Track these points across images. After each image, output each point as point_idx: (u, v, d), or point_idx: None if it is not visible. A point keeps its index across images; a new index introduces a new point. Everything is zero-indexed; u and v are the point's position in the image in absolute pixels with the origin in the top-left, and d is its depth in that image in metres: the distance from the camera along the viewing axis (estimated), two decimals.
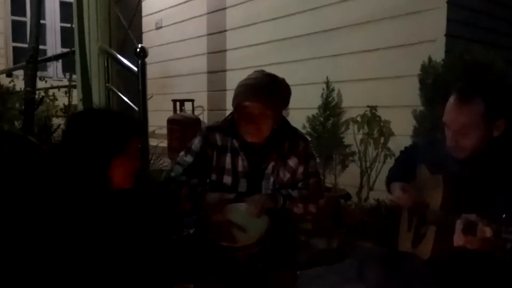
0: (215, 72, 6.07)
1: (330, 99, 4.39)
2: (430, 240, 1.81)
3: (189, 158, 2.16)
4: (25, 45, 5.06)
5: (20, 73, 5.36)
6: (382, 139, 4.03)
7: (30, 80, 4.10)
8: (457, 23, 3.71)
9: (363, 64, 4.25)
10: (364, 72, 4.24)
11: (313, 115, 4.44)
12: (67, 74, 5.93)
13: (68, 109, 4.97)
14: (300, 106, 3.95)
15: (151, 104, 3.69)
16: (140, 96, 3.50)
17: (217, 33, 6.00)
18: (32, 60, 4.11)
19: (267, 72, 2.13)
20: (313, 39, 4.69)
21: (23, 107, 4.11)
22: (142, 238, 1.77)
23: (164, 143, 5.26)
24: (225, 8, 5.83)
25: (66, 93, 5.28)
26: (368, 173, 4.11)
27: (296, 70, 4.69)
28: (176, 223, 2.41)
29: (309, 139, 2.34)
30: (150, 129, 3.89)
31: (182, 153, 2.19)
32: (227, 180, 2.15)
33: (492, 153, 1.79)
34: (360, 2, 4.29)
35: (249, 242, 1.92)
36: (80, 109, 3.84)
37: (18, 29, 8.28)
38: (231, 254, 1.94)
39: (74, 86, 4.54)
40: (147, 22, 7.30)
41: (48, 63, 8.07)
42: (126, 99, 4.02)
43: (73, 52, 4.23)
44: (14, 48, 8.36)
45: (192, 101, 6.16)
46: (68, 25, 5.92)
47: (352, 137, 4.22)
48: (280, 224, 2.18)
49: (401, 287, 1.88)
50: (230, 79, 5.71)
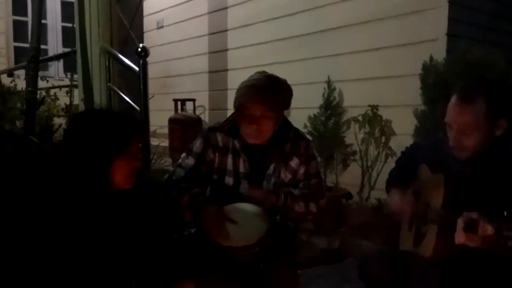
0: (216, 72, 6.07)
1: (332, 99, 4.39)
2: (432, 239, 1.81)
3: (191, 160, 2.16)
4: (27, 45, 5.06)
5: (22, 73, 5.35)
6: (384, 139, 4.03)
7: (32, 80, 4.11)
8: (459, 22, 3.70)
9: (365, 64, 4.24)
10: (366, 72, 4.23)
11: (315, 115, 4.44)
12: (69, 74, 5.94)
13: (70, 109, 4.98)
14: (302, 106, 3.94)
15: (153, 104, 3.69)
16: (142, 96, 3.50)
17: (218, 33, 5.99)
18: (34, 60, 4.12)
19: (269, 74, 2.12)
20: (314, 39, 4.68)
21: (25, 107, 4.11)
22: (143, 238, 1.77)
23: (166, 143, 5.26)
24: (226, 8, 5.83)
25: (68, 93, 5.29)
26: (370, 173, 4.11)
27: (297, 70, 4.69)
28: (177, 223, 2.41)
29: (311, 139, 2.33)
30: (152, 129, 3.89)
31: (184, 155, 2.19)
32: (229, 181, 2.15)
33: (494, 153, 1.79)
34: (361, 2, 4.28)
35: (250, 242, 1.91)
36: (82, 109, 3.84)
37: (20, 29, 8.29)
38: (232, 254, 1.93)
39: (76, 86, 4.54)
40: (148, 22, 7.31)
41: (50, 63, 8.08)
42: (128, 99, 4.03)
43: (75, 52, 4.23)
44: (16, 48, 8.37)
45: (194, 101, 6.16)
46: (70, 25, 5.92)
47: (354, 137, 4.22)
48: (281, 224, 2.19)
49: (403, 287, 1.88)
50: (231, 79, 5.71)
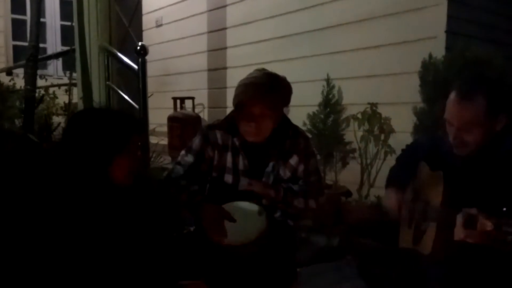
0: (216, 70, 6.07)
1: (331, 96, 4.39)
2: (431, 236, 1.81)
3: (190, 158, 2.15)
4: (25, 44, 5.05)
5: (20, 72, 5.36)
6: (383, 136, 4.03)
7: (30, 79, 4.10)
8: (458, 20, 3.70)
9: (364, 61, 4.24)
10: (365, 69, 4.24)
11: (314, 112, 4.44)
12: (67, 72, 5.93)
13: (69, 107, 4.97)
14: (301, 103, 3.94)
15: (152, 102, 3.70)
16: (141, 94, 3.51)
17: (218, 31, 5.99)
18: (32, 59, 4.11)
19: (268, 71, 2.11)
20: (314, 36, 4.68)
21: (24, 106, 4.11)
22: (143, 236, 1.77)
23: (165, 141, 5.26)
24: (225, 6, 5.83)
25: (67, 91, 5.29)
26: (369, 170, 4.11)
27: (297, 67, 4.69)
28: (177, 221, 2.41)
29: (310, 136, 2.33)
30: (150, 127, 3.90)
31: (183, 153, 2.19)
32: (228, 179, 2.14)
33: (494, 148, 1.79)
34: None
35: (248, 241, 1.91)
36: (81, 107, 3.84)
37: (18, 28, 8.29)
38: (230, 253, 1.93)
39: (75, 84, 4.54)
40: (147, 20, 7.30)
41: (48, 62, 8.09)
42: (127, 97, 4.03)
43: (73, 50, 4.23)
44: (14, 47, 8.38)
45: (193, 99, 6.16)
46: (68, 23, 5.93)
47: (353, 134, 4.22)
48: (280, 222, 2.19)
49: (402, 284, 1.88)
50: (231, 77, 5.71)
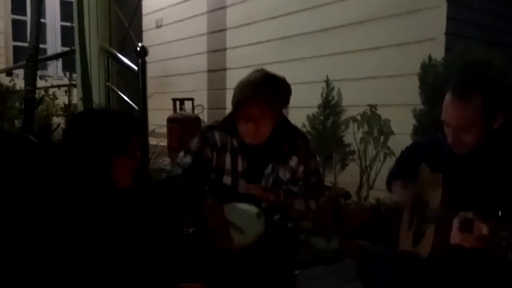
0: (215, 71, 6.07)
1: (330, 98, 4.39)
2: (430, 238, 1.81)
3: (188, 159, 2.15)
4: (25, 44, 5.06)
5: (20, 72, 5.36)
6: (382, 138, 4.03)
7: (30, 79, 4.10)
8: (457, 22, 3.71)
9: (363, 63, 4.25)
10: (364, 71, 4.24)
11: (313, 114, 4.44)
12: (67, 73, 5.91)
13: (68, 108, 4.97)
14: (300, 105, 3.95)
15: (151, 103, 3.69)
16: (140, 95, 3.50)
17: (217, 32, 6.00)
18: (32, 59, 4.11)
19: (267, 72, 2.09)
20: (313, 38, 4.68)
21: (23, 106, 4.11)
22: (142, 237, 1.77)
23: (164, 142, 5.26)
24: (225, 7, 5.83)
25: (66, 92, 5.27)
26: (368, 172, 4.11)
27: (296, 69, 4.69)
28: (176, 222, 2.41)
29: (309, 138, 2.33)
30: (150, 128, 3.89)
31: (182, 154, 2.18)
32: (227, 180, 2.14)
33: (492, 148, 1.79)
34: (360, 1, 4.29)
35: (247, 244, 1.91)
36: (80, 108, 3.84)
37: (18, 28, 8.29)
38: (228, 256, 1.93)
39: (74, 85, 4.54)
40: (147, 21, 7.31)
41: (48, 62, 8.07)
42: (126, 98, 4.03)
43: (73, 51, 4.23)
44: (14, 47, 8.37)
45: (192, 100, 6.15)
46: (69, 24, 5.92)
47: (352, 136, 4.22)
48: (279, 225, 2.18)
49: (401, 286, 1.88)
50: (230, 78, 5.71)
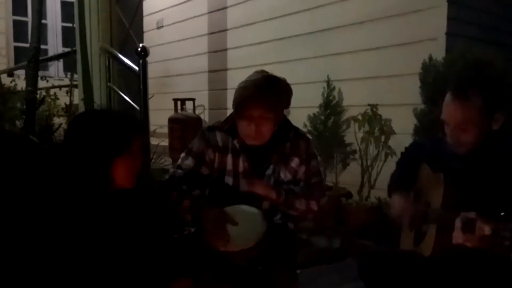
0: (216, 71, 6.08)
1: (331, 98, 4.39)
2: (431, 238, 1.81)
3: (190, 161, 2.14)
4: (27, 45, 5.05)
5: (22, 73, 5.36)
6: (383, 138, 4.03)
7: (32, 80, 4.10)
8: (458, 22, 3.71)
9: (364, 63, 4.25)
10: (365, 71, 4.24)
11: (314, 114, 4.45)
12: (69, 74, 5.94)
13: (70, 109, 4.98)
14: (301, 105, 3.94)
15: (152, 103, 3.69)
16: (141, 95, 3.50)
17: (218, 32, 6.00)
18: (34, 60, 4.11)
19: (268, 73, 2.10)
20: (314, 38, 4.69)
21: (25, 107, 4.10)
22: (144, 237, 1.77)
23: (165, 142, 5.26)
24: (226, 8, 5.84)
25: (68, 93, 5.29)
26: (369, 172, 4.12)
27: (297, 69, 4.70)
28: (178, 222, 2.41)
29: (311, 138, 2.33)
30: (151, 128, 3.89)
31: (183, 155, 2.17)
32: (228, 181, 2.14)
33: (493, 149, 1.79)
34: (361, 1, 4.29)
35: (247, 246, 1.90)
36: (82, 109, 3.85)
37: (20, 29, 8.29)
38: (229, 258, 1.93)
39: (76, 86, 4.55)
40: (148, 22, 7.31)
41: (50, 63, 8.07)
42: (127, 98, 4.03)
43: (74, 52, 4.23)
44: (16, 48, 8.38)
45: (193, 100, 6.16)
46: (70, 25, 5.93)
47: (353, 136, 4.22)
48: (280, 226, 2.18)
49: (403, 286, 1.88)
50: (231, 78, 5.71)
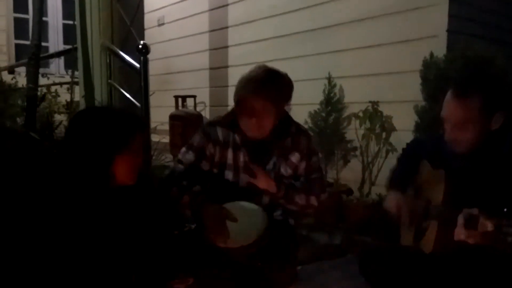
0: (217, 68, 6.07)
1: (332, 95, 4.39)
2: (432, 235, 1.82)
3: (191, 155, 2.14)
4: (27, 42, 5.06)
5: (22, 70, 5.36)
6: (384, 134, 4.03)
7: (32, 77, 4.12)
8: (459, 19, 3.70)
9: (365, 60, 4.25)
10: (366, 68, 4.24)
11: (315, 111, 4.44)
12: (69, 71, 5.94)
13: (70, 106, 4.99)
14: (302, 102, 3.94)
15: (153, 100, 3.70)
16: (142, 93, 3.51)
17: (219, 30, 5.99)
18: (34, 57, 4.12)
19: (269, 67, 2.11)
20: (315, 35, 4.68)
21: (25, 104, 4.12)
22: (144, 234, 1.78)
23: (166, 139, 5.26)
24: (227, 5, 5.83)
25: (68, 90, 5.31)
26: (370, 168, 4.12)
27: (298, 66, 4.69)
28: (178, 218, 2.42)
29: (312, 135, 2.33)
30: (152, 125, 3.90)
31: (184, 150, 2.18)
32: (228, 175, 2.14)
33: (492, 147, 1.79)
34: None
35: (247, 243, 1.91)
36: (82, 106, 3.85)
37: (20, 26, 8.31)
38: (229, 255, 1.93)
39: (76, 83, 4.56)
40: (149, 19, 7.30)
41: (50, 60, 8.09)
42: (128, 96, 4.04)
43: (75, 49, 4.24)
44: (16, 45, 8.39)
45: (194, 97, 6.16)
46: (71, 22, 5.94)
47: (354, 133, 4.22)
48: (280, 221, 2.19)
49: (403, 282, 1.89)
50: (232, 75, 5.71)
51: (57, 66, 8.40)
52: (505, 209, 1.41)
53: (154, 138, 4.06)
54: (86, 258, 1.57)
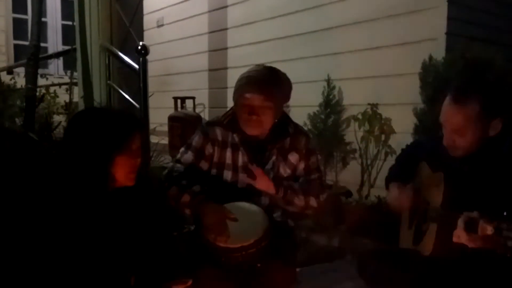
0: (216, 70, 6.07)
1: (331, 97, 4.39)
2: (431, 237, 1.81)
3: (190, 155, 2.14)
4: (26, 43, 5.06)
5: (21, 71, 5.37)
6: (383, 137, 4.03)
7: (31, 78, 4.11)
8: (458, 22, 3.71)
9: (364, 62, 4.25)
10: (365, 70, 4.24)
11: (314, 113, 4.45)
12: (68, 72, 5.95)
13: (69, 106, 4.99)
14: (301, 104, 3.96)
15: (152, 102, 3.70)
16: (141, 94, 3.51)
17: (218, 31, 6.00)
18: (33, 58, 4.11)
19: (268, 66, 2.13)
20: (315, 37, 4.68)
21: (24, 104, 4.11)
22: (144, 235, 1.78)
23: (165, 140, 5.26)
24: (226, 6, 5.83)
25: (67, 91, 5.31)
26: (369, 171, 4.12)
27: (297, 68, 4.68)
28: (177, 220, 2.42)
29: (311, 136, 2.33)
30: (151, 126, 3.90)
31: (183, 149, 2.17)
32: (227, 175, 2.14)
33: (491, 151, 1.79)
34: (361, 1, 4.29)
35: (247, 243, 1.90)
36: (81, 107, 3.85)
37: (19, 27, 8.32)
38: (228, 255, 1.92)
39: (75, 84, 4.56)
40: (149, 20, 7.30)
41: (49, 61, 8.09)
42: (127, 97, 4.04)
43: (74, 50, 4.24)
44: (15, 46, 8.40)
45: (193, 99, 6.15)
46: (70, 23, 5.94)
47: (353, 135, 4.22)
48: (280, 223, 2.18)
49: (402, 285, 1.88)
50: (231, 77, 5.71)
51: (56, 67, 8.40)
52: (505, 213, 1.41)
53: (153, 139, 4.06)
54: (85, 259, 1.56)
